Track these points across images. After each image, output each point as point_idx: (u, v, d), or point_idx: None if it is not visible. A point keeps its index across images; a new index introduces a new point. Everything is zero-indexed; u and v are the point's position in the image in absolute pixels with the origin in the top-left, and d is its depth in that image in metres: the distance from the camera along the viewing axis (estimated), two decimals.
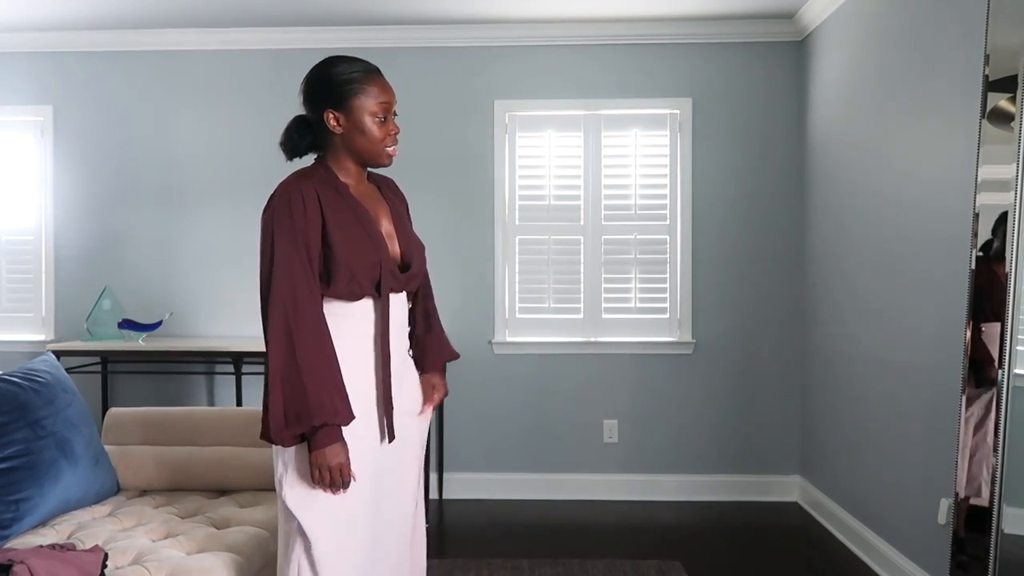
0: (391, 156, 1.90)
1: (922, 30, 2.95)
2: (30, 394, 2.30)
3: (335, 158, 1.89)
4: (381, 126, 1.85)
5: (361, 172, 1.93)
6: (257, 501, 2.57)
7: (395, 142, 1.90)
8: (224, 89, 4.39)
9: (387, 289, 1.86)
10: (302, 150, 1.92)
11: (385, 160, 1.90)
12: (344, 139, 1.86)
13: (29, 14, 4.10)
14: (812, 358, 4.12)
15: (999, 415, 2.20)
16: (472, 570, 3.26)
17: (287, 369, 1.73)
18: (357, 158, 1.89)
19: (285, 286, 1.75)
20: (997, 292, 2.24)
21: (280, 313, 1.75)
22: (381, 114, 1.85)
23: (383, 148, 1.87)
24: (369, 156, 1.88)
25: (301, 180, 1.83)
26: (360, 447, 1.82)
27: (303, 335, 1.74)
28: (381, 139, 1.86)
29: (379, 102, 1.84)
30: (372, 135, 1.85)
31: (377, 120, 1.84)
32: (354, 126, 1.84)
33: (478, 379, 4.33)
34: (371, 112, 1.84)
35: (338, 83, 1.83)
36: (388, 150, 1.89)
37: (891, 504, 3.18)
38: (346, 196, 1.86)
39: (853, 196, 3.57)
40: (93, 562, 1.89)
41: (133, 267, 4.40)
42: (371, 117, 1.84)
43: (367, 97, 1.83)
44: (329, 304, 1.83)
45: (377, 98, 1.84)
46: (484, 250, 4.33)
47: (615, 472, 4.32)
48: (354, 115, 1.83)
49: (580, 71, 4.31)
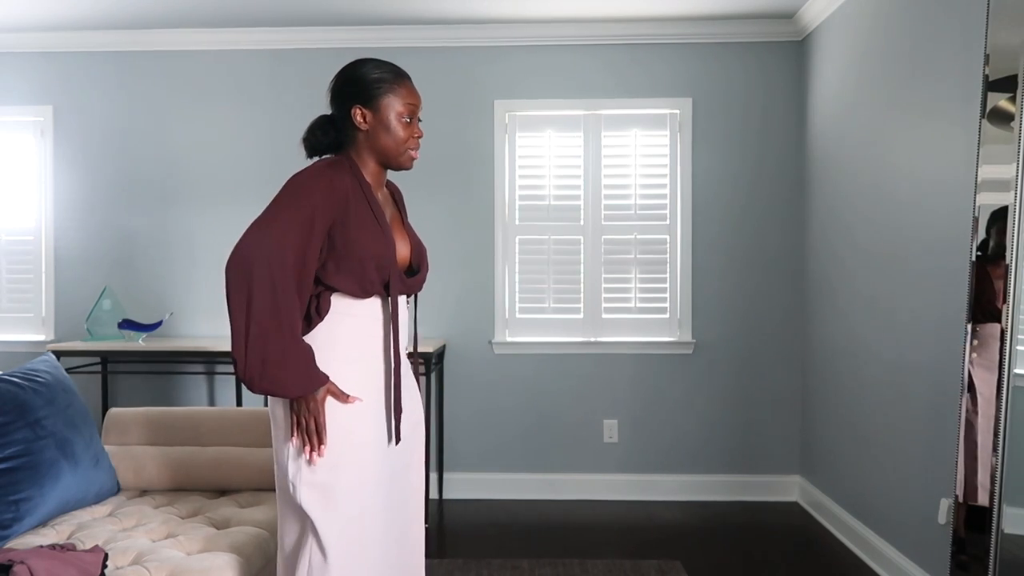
0: (412, 159, 1.94)
1: (922, 30, 2.95)
2: (30, 394, 2.30)
3: (358, 156, 1.91)
4: (406, 127, 1.89)
5: (381, 174, 1.96)
6: (257, 501, 2.57)
7: (417, 145, 1.93)
8: (224, 89, 4.39)
9: (395, 291, 1.88)
10: (323, 148, 1.94)
11: (406, 162, 1.93)
12: (369, 137, 1.89)
13: (29, 14, 4.10)
14: (812, 358, 4.12)
15: (999, 415, 2.20)
16: (472, 570, 3.26)
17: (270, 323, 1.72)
18: (380, 157, 1.91)
19: (277, 244, 1.73)
20: (997, 292, 2.24)
21: (264, 263, 1.71)
22: (407, 115, 1.89)
23: (406, 149, 1.90)
24: (392, 156, 1.91)
25: (331, 170, 1.83)
26: (370, 449, 1.84)
27: (286, 296, 1.73)
28: (405, 140, 1.89)
29: (407, 103, 1.89)
30: (397, 135, 1.88)
31: (403, 121, 1.88)
32: (380, 124, 1.87)
33: (478, 379, 4.33)
34: (398, 112, 1.88)
35: (369, 81, 1.87)
36: (411, 152, 1.92)
37: (891, 504, 3.18)
38: (368, 194, 1.88)
39: (853, 196, 3.57)
40: (93, 562, 1.89)
41: (133, 267, 4.40)
42: (397, 117, 1.88)
43: (396, 97, 1.88)
44: (336, 301, 1.84)
45: (405, 99, 1.89)
46: (484, 250, 4.33)
47: (615, 472, 4.32)
48: (382, 113, 1.87)
49: (580, 71, 4.32)
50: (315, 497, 1.78)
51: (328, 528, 1.78)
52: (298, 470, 1.79)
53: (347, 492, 1.80)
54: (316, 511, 1.78)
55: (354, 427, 1.82)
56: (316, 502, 1.78)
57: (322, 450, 1.77)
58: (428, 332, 4.27)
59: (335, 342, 1.83)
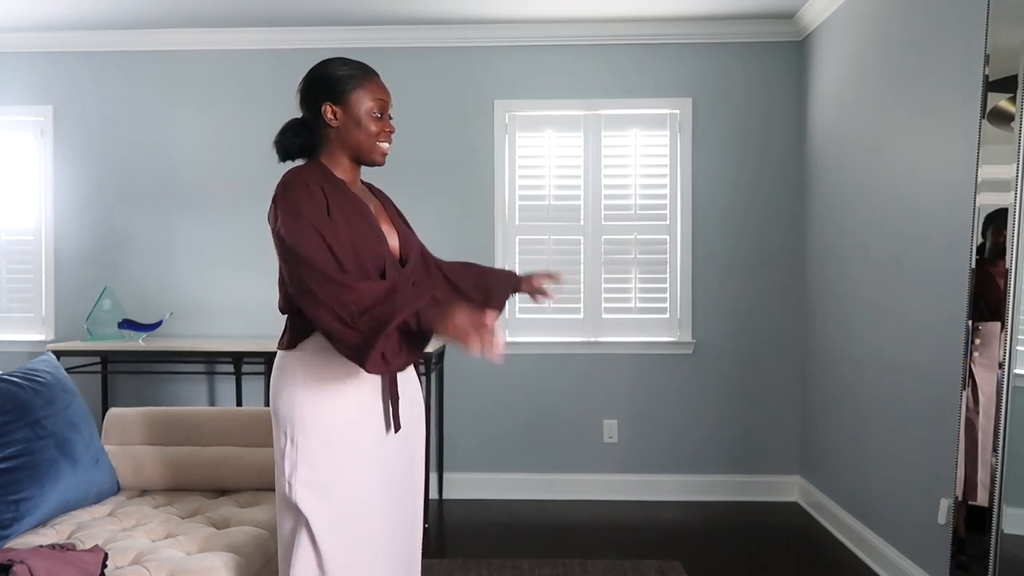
0: (384, 154, 1.92)
1: (922, 30, 2.95)
2: (30, 394, 2.30)
3: (330, 155, 1.91)
4: (377, 121, 1.89)
5: (355, 170, 1.95)
6: (257, 501, 2.57)
7: (389, 140, 1.93)
8: (224, 89, 4.39)
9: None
10: (294, 151, 1.94)
11: (378, 157, 1.92)
12: (340, 133, 1.88)
13: (29, 14, 4.10)
14: (812, 358, 4.12)
15: (999, 415, 2.20)
16: (472, 570, 3.26)
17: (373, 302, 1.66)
18: (351, 153, 1.91)
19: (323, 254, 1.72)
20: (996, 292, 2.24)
21: (321, 274, 1.69)
22: (378, 110, 1.89)
23: (377, 144, 1.90)
24: (363, 151, 1.90)
25: (302, 171, 1.84)
26: (368, 448, 1.84)
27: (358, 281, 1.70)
28: (376, 134, 1.89)
29: (376, 98, 1.89)
30: (368, 129, 1.88)
31: (374, 116, 1.88)
32: (351, 119, 1.87)
33: (478, 379, 4.33)
34: (368, 108, 1.88)
35: (337, 78, 1.87)
36: (382, 146, 1.91)
37: (891, 504, 3.18)
38: (345, 191, 1.87)
39: (853, 196, 3.57)
40: (93, 562, 1.89)
41: (133, 267, 4.40)
42: (367, 112, 1.88)
43: (365, 92, 1.87)
44: None
45: (375, 94, 1.89)
46: (484, 250, 4.32)
47: (615, 472, 4.32)
48: (352, 109, 1.87)
49: (580, 71, 4.31)
50: (312, 496, 1.78)
51: (323, 527, 1.77)
52: (294, 469, 1.79)
53: (345, 492, 1.80)
54: (312, 510, 1.77)
55: (353, 427, 1.82)
56: (313, 501, 1.78)
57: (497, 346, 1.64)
58: None
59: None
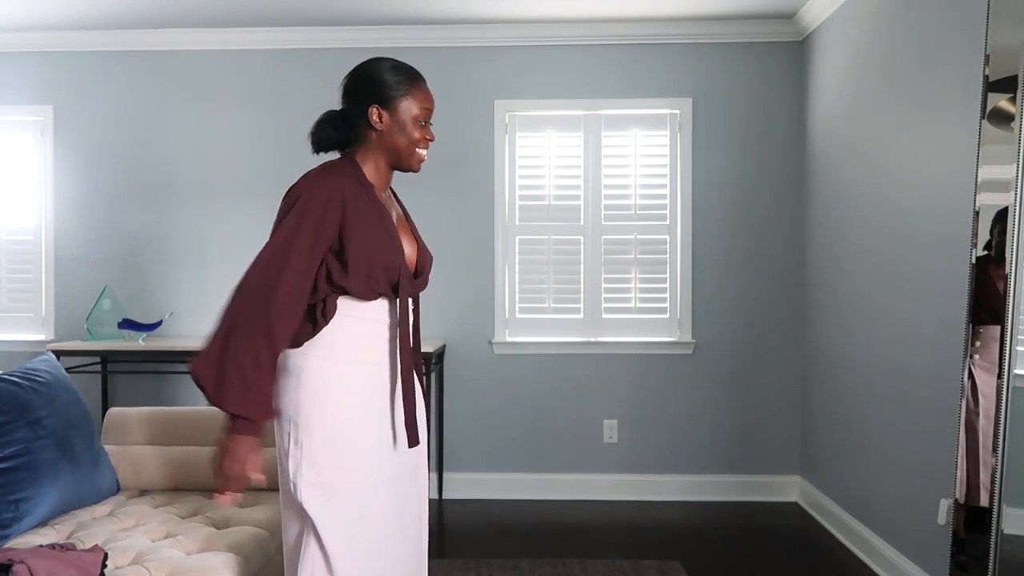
0: (421, 161, 1.94)
1: (922, 30, 2.95)
2: (30, 394, 2.30)
3: (365, 155, 1.91)
4: (420, 130, 1.91)
5: (388, 175, 1.95)
6: (257, 501, 2.56)
7: (427, 147, 1.94)
8: (224, 89, 4.39)
9: (404, 292, 1.87)
10: (330, 144, 1.94)
11: (415, 164, 1.93)
12: (382, 137, 1.89)
13: (29, 14, 4.10)
14: (812, 358, 4.12)
15: (999, 415, 2.20)
16: (472, 570, 3.26)
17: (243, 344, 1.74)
18: (390, 158, 1.91)
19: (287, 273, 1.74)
20: (996, 292, 2.24)
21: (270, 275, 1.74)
22: (423, 119, 1.91)
23: (416, 151, 1.91)
24: (403, 157, 1.91)
25: (329, 176, 1.82)
26: (374, 452, 1.84)
27: (279, 322, 1.73)
28: (417, 141, 1.90)
29: (423, 107, 1.90)
30: (412, 136, 1.89)
31: (419, 124, 1.90)
32: (396, 125, 1.88)
33: (478, 379, 4.33)
34: (414, 116, 1.89)
35: (388, 82, 1.88)
36: (420, 153, 1.93)
37: (891, 504, 3.18)
38: (371, 196, 1.87)
39: (853, 196, 3.57)
40: (93, 562, 1.89)
41: (133, 267, 4.40)
42: (413, 120, 1.89)
43: (414, 100, 1.89)
44: (342, 303, 1.83)
45: (422, 103, 1.90)
46: (484, 250, 4.33)
47: (615, 472, 4.32)
48: (399, 115, 1.87)
49: (580, 71, 4.32)
50: (317, 497, 1.78)
51: (330, 529, 1.77)
52: (298, 469, 1.79)
53: (350, 494, 1.79)
54: (317, 511, 1.77)
55: (358, 429, 1.82)
56: (318, 502, 1.78)
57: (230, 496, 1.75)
58: (428, 332, 4.26)
59: (340, 344, 1.82)
